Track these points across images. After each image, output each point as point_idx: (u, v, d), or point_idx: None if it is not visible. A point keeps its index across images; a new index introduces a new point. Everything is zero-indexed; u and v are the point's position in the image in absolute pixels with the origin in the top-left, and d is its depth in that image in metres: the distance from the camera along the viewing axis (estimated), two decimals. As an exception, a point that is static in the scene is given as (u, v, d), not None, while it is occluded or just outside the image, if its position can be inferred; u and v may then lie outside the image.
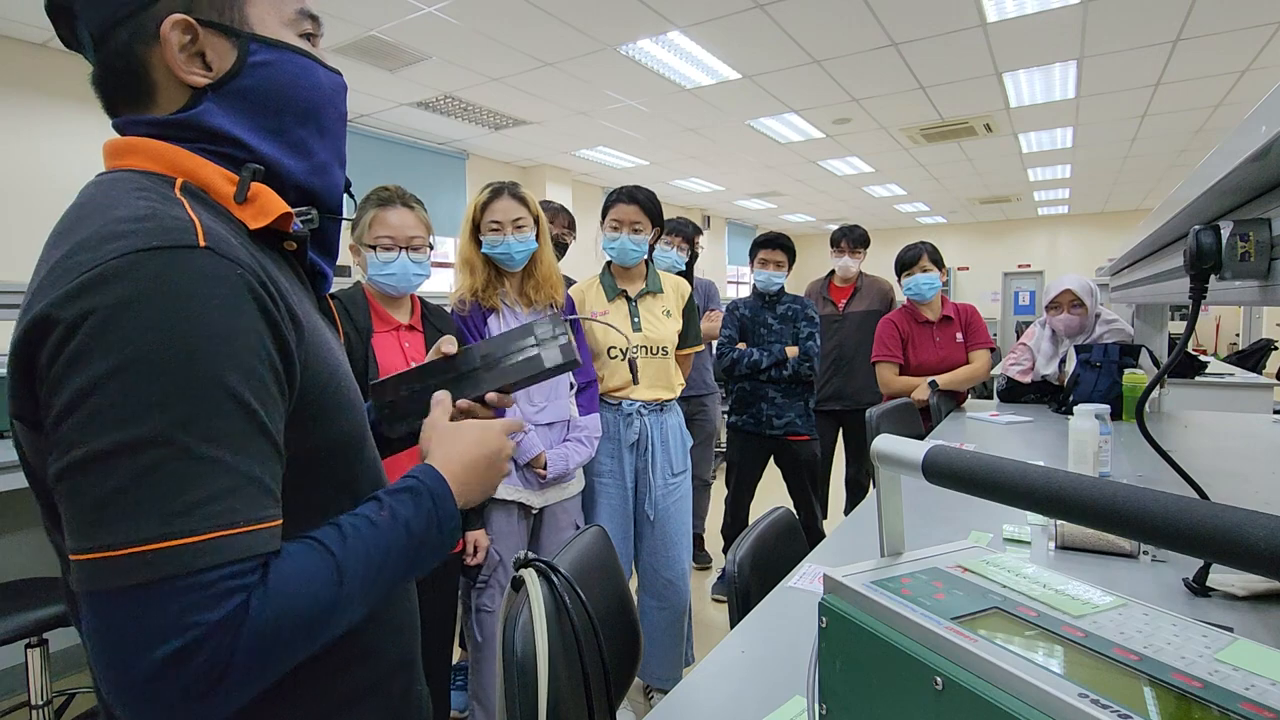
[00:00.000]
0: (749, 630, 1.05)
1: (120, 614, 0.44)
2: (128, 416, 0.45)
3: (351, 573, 0.53)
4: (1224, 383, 3.72)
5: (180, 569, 0.44)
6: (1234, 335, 9.37)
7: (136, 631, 0.43)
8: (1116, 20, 3.85)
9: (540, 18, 3.72)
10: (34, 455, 0.52)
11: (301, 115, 0.63)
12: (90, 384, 0.45)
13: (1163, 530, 0.38)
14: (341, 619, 0.53)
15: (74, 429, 0.45)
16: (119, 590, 0.44)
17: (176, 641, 0.43)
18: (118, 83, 0.59)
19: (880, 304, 3.32)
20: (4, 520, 2.29)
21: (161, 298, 0.47)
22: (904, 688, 0.48)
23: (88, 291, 0.46)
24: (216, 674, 0.44)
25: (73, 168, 4.04)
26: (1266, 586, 1.07)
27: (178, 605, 0.44)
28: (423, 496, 0.60)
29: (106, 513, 0.44)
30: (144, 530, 0.44)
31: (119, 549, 0.44)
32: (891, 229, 12.66)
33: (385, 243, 1.59)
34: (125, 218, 0.50)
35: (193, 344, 0.47)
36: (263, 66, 0.60)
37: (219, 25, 0.58)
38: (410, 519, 0.58)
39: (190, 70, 0.58)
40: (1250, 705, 0.37)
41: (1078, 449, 1.62)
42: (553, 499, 1.84)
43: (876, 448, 0.60)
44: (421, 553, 0.59)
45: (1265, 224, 0.87)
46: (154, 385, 0.46)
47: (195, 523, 0.45)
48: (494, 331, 1.79)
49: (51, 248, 0.52)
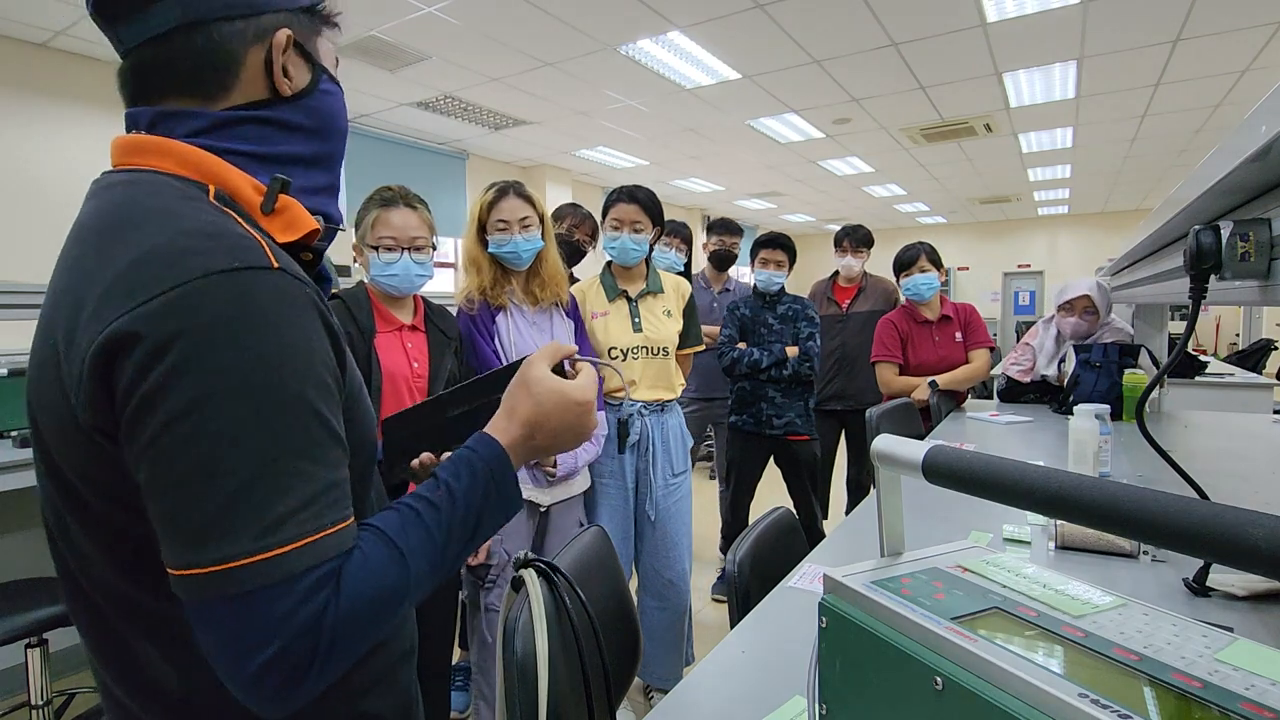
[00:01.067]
0: (749, 630, 1.05)
1: (226, 622, 0.48)
2: (225, 437, 0.48)
3: (414, 554, 0.56)
4: (1224, 383, 3.72)
5: (274, 578, 0.48)
6: (1234, 335, 9.38)
7: (241, 636, 0.48)
8: (1116, 20, 3.85)
9: (540, 18, 3.72)
10: (84, 462, 0.52)
11: (335, 141, 0.69)
12: (186, 406, 0.47)
13: (1163, 530, 0.38)
14: (411, 596, 0.56)
15: (171, 449, 0.48)
16: (222, 600, 0.47)
17: (277, 642, 0.48)
18: (194, 69, 0.59)
19: (884, 304, 3.31)
20: (4, 520, 2.29)
21: (247, 321, 0.50)
22: (904, 688, 0.48)
23: (175, 312, 0.48)
24: (308, 663, 0.49)
25: (73, 168, 4.04)
26: (1266, 586, 1.07)
27: (274, 610, 0.48)
28: (477, 468, 0.63)
29: (208, 530, 0.47)
30: (243, 545, 0.47)
31: (222, 564, 0.47)
32: (891, 229, 12.66)
33: (388, 243, 1.58)
34: (194, 231, 0.51)
35: (279, 365, 0.50)
36: (327, 95, 0.67)
37: (304, 51, 0.64)
38: (466, 491, 0.61)
39: (282, 79, 0.62)
40: (1250, 705, 0.37)
41: (1078, 449, 1.62)
42: (560, 496, 1.85)
43: (876, 448, 0.60)
44: (483, 520, 0.62)
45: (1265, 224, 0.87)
46: (247, 407, 0.49)
47: (287, 533, 0.49)
48: (502, 330, 1.79)
49: (100, 249, 0.52)
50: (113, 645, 0.58)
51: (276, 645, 0.47)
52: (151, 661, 0.56)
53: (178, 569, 0.48)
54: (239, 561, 0.47)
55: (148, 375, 0.47)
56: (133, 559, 0.54)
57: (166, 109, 0.59)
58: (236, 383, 0.48)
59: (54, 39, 3.85)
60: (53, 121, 4.02)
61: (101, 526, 0.54)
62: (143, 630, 0.56)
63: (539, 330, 1.83)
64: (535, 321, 1.84)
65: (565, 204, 2.82)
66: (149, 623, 0.56)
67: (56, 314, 0.53)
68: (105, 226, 0.54)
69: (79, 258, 0.54)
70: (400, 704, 0.70)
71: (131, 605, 0.56)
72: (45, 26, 3.69)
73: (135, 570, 0.54)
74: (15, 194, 3.88)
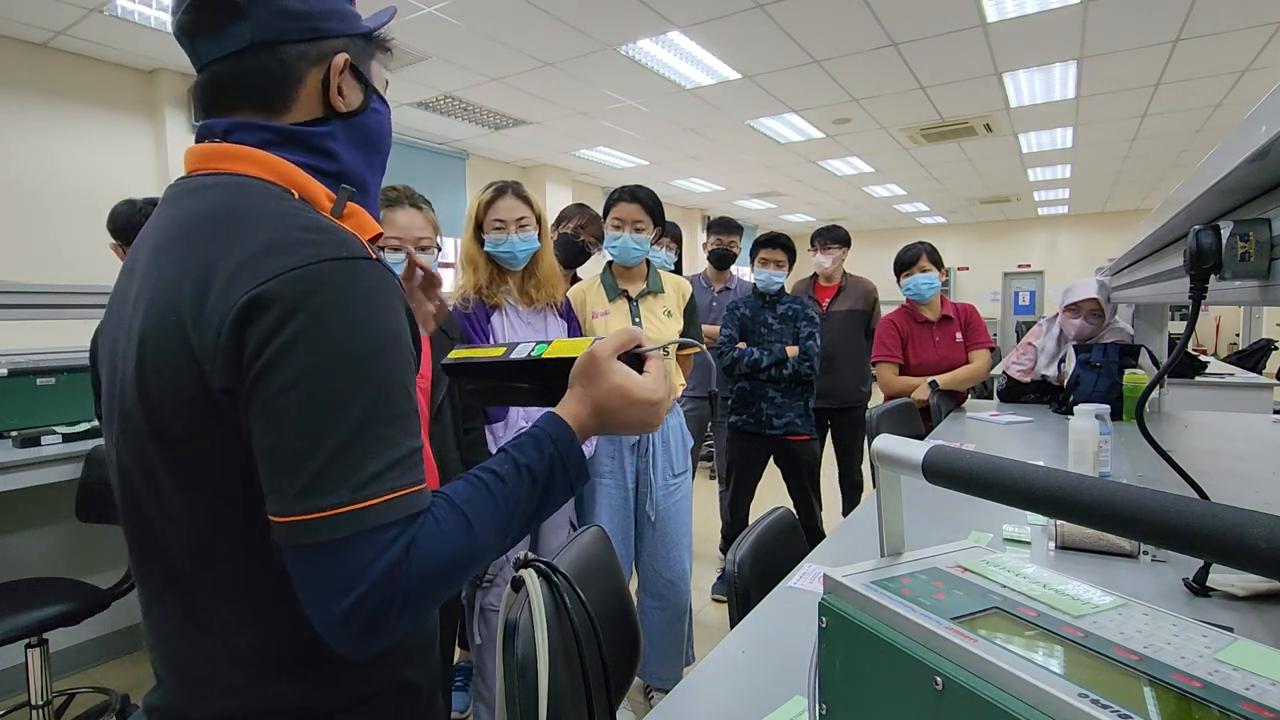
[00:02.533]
0: (749, 630, 1.05)
1: (322, 565, 0.54)
2: (332, 403, 0.54)
3: (482, 523, 0.61)
4: (1224, 383, 3.71)
5: (365, 526, 0.54)
6: (1234, 335, 9.38)
7: (335, 578, 0.54)
8: (1116, 20, 3.85)
9: (540, 18, 3.72)
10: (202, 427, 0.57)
11: (380, 155, 0.76)
12: (302, 372, 0.54)
13: (1163, 530, 0.38)
14: (477, 561, 0.61)
15: (286, 409, 0.54)
16: (319, 546, 0.53)
17: (362, 586, 0.53)
18: (261, 85, 0.66)
19: (864, 304, 3.34)
20: (4, 520, 2.29)
21: (356, 302, 0.57)
22: (904, 688, 0.48)
23: (298, 286, 0.55)
24: (386, 610, 0.54)
25: (73, 168, 4.04)
26: (1266, 586, 1.07)
27: (363, 556, 0.54)
28: (544, 443, 0.67)
29: (312, 483, 0.53)
30: (341, 496, 0.54)
31: (324, 511, 0.53)
32: (891, 229, 12.66)
33: (394, 244, 1.58)
34: (306, 226, 0.59)
35: (378, 344, 0.57)
36: (377, 114, 0.73)
37: (359, 74, 0.71)
38: (533, 465, 0.65)
39: (338, 97, 0.69)
40: (1250, 705, 0.37)
41: (1078, 449, 1.62)
42: None
43: (876, 448, 0.60)
44: (549, 494, 0.66)
45: (1265, 224, 0.87)
46: (352, 377, 0.55)
47: (377, 488, 0.55)
48: (497, 329, 1.79)
49: (212, 242, 0.58)
50: (191, 604, 0.62)
51: (362, 588, 0.53)
52: (228, 621, 0.61)
53: (283, 516, 0.54)
54: (337, 510, 0.53)
55: (274, 339, 0.54)
56: (235, 520, 0.59)
57: (241, 120, 0.66)
58: (345, 355, 0.55)
59: (54, 39, 3.85)
60: (53, 121, 4.02)
61: (208, 490, 0.59)
62: (227, 590, 0.61)
63: (533, 330, 1.84)
64: (530, 321, 1.84)
65: (573, 204, 2.82)
66: (232, 581, 0.61)
67: (178, 295, 0.57)
68: (212, 222, 0.60)
69: (184, 250, 0.59)
70: (434, 676, 0.74)
71: (218, 564, 0.60)
72: (45, 26, 3.69)
73: (228, 530, 0.60)
74: (15, 194, 3.88)
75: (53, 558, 2.36)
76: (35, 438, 2.06)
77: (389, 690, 0.68)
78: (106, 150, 4.19)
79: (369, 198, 0.74)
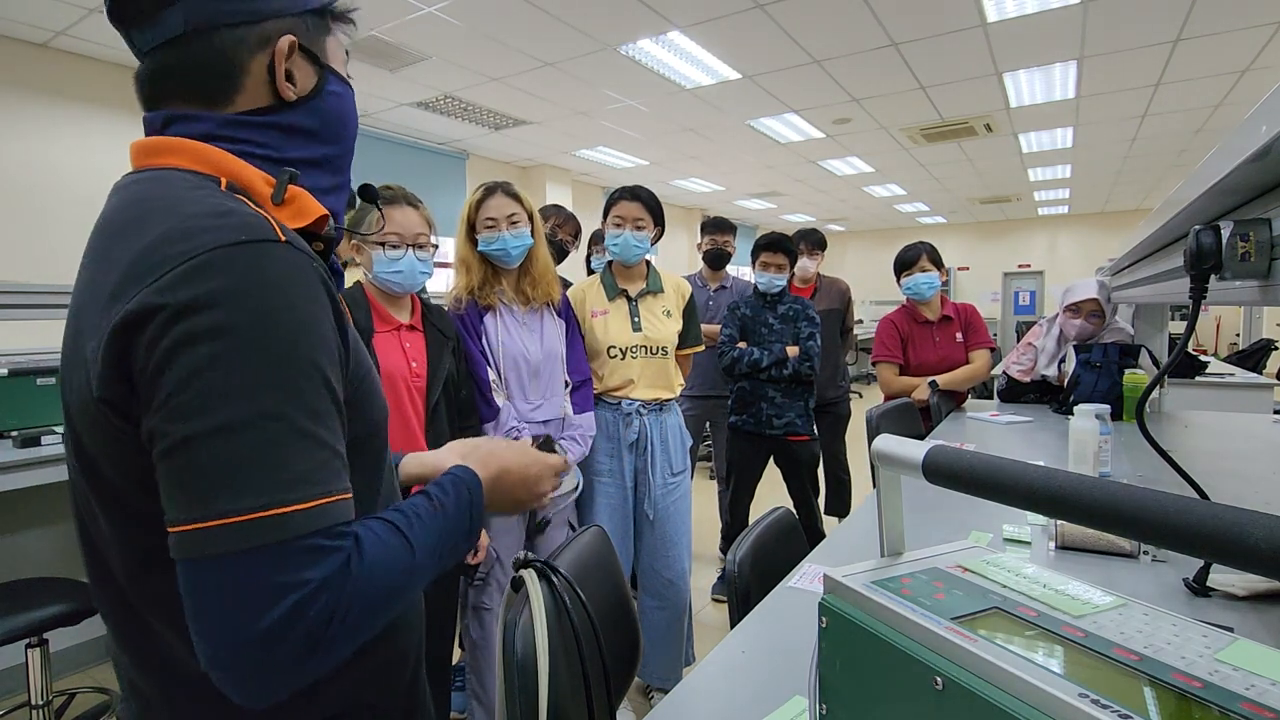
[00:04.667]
0: (749, 630, 1.05)
1: (236, 576, 0.47)
2: (243, 394, 0.49)
3: (419, 549, 0.58)
4: (1224, 383, 3.71)
5: (290, 533, 0.48)
6: (1234, 335, 9.38)
7: (255, 590, 0.47)
8: (1116, 20, 3.84)
9: (540, 18, 3.72)
10: (102, 440, 0.54)
11: (343, 142, 0.70)
12: (202, 364, 0.48)
13: (1163, 530, 0.38)
14: (414, 588, 0.59)
15: (187, 406, 0.48)
16: (234, 554, 0.47)
17: (294, 595, 0.47)
18: (199, 76, 0.61)
19: (839, 303, 3.45)
20: (4, 520, 2.29)
21: (260, 286, 0.51)
22: (904, 688, 0.48)
23: (191, 280, 0.50)
24: (325, 626, 0.48)
25: (73, 168, 4.04)
26: (1266, 586, 1.07)
27: (292, 564, 0.48)
28: (463, 492, 0.66)
29: (224, 482, 0.48)
30: (260, 498, 0.48)
31: (238, 515, 0.47)
32: (891, 229, 12.67)
33: (393, 240, 1.59)
34: (205, 212, 0.53)
35: (292, 329, 0.52)
36: (333, 95, 0.68)
37: (311, 54, 0.65)
38: (453, 510, 0.64)
39: (285, 84, 0.63)
40: (1250, 705, 0.37)
41: (1078, 449, 1.62)
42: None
43: (877, 448, 0.60)
44: (458, 541, 0.65)
45: (1265, 224, 0.86)
46: (264, 367, 0.50)
47: (302, 492, 0.50)
48: (491, 330, 1.79)
49: (118, 240, 0.55)
50: (134, 628, 0.59)
51: (294, 597, 0.47)
52: (170, 644, 0.58)
53: (181, 525, 0.48)
54: (247, 515, 0.47)
55: (160, 342, 0.49)
56: (148, 540, 0.54)
57: (176, 112, 0.61)
58: (250, 345, 0.50)
59: (54, 39, 3.85)
60: (53, 122, 4.01)
61: (120, 507, 0.56)
62: (163, 612, 0.57)
63: (529, 330, 1.84)
64: (525, 322, 1.84)
65: (548, 205, 2.95)
66: (167, 605, 0.56)
67: (81, 306, 0.55)
68: (121, 220, 0.56)
69: (99, 251, 0.56)
70: (402, 697, 0.71)
71: (150, 586, 0.57)
72: (45, 26, 3.69)
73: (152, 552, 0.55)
74: (15, 194, 3.88)
75: (53, 558, 2.36)
76: (35, 438, 2.06)
77: (349, 712, 0.64)
78: (106, 150, 4.18)
79: (328, 188, 0.68)
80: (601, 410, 2.02)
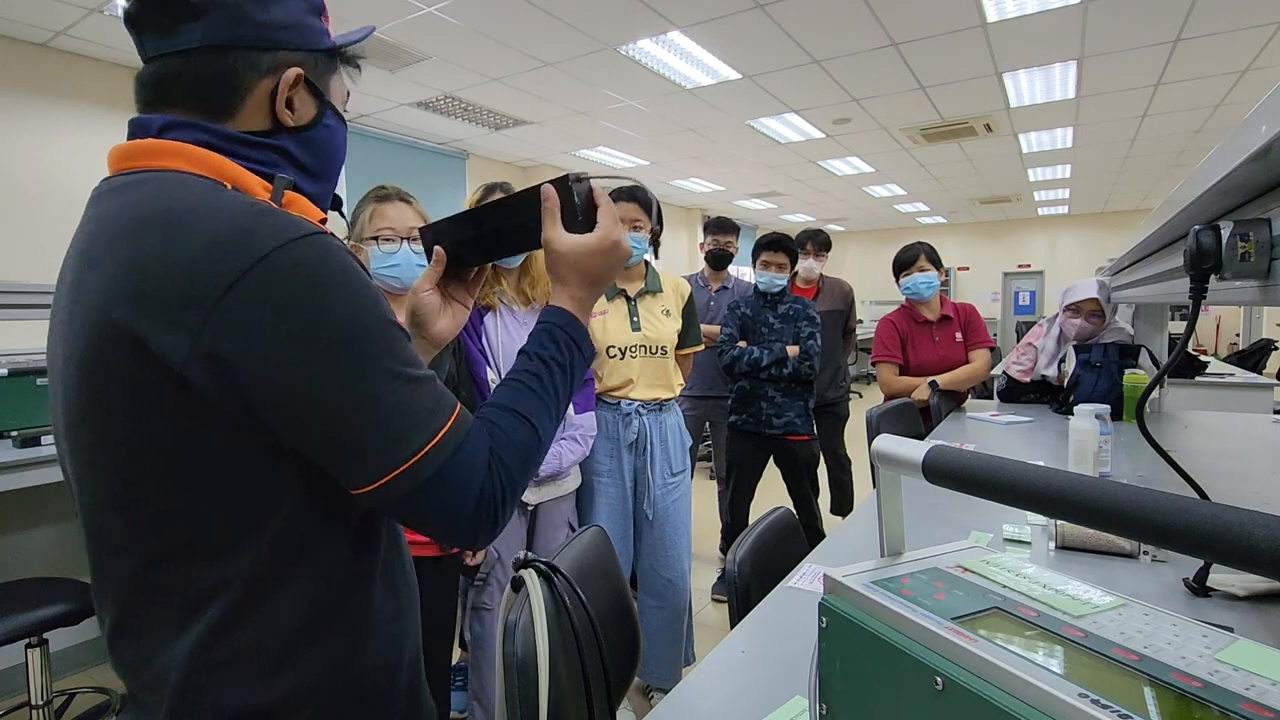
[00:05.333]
0: (749, 630, 1.05)
1: (436, 494, 0.60)
2: (358, 372, 0.57)
3: (534, 414, 0.68)
4: (1224, 383, 3.71)
5: (450, 448, 0.60)
6: (1234, 335, 9.38)
7: (451, 498, 0.60)
8: (1116, 20, 3.84)
9: (540, 18, 3.72)
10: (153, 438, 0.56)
11: (329, 173, 0.75)
12: (321, 354, 0.56)
13: (1163, 530, 0.38)
14: (544, 443, 0.69)
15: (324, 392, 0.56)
16: (430, 480, 0.59)
17: (477, 482, 0.61)
18: (205, 88, 0.64)
19: (842, 304, 3.46)
20: (4, 520, 2.29)
21: (335, 271, 0.57)
22: (904, 688, 0.48)
23: (267, 285, 0.54)
24: (500, 498, 0.63)
25: (73, 168, 4.04)
26: (1266, 586, 1.07)
27: (462, 471, 0.61)
28: (556, 333, 0.74)
29: (393, 437, 0.58)
30: (421, 436, 0.59)
31: (416, 455, 0.58)
32: (891, 229, 12.67)
33: (387, 234, 1.60)
34: (247, 212, 0.57)
35: (366, 299, 0.59)
36: (329, 129, 0.72)
37: (315, 89, 0.69)
38: (556, 356, 0.72)
39: (284, 110, 0.67)
40: (1250, 705, 0.37)
41: (1078, 449, 1.62)
42: (547, 496, 1.85)
43: (877, 448, 0.60)
44: (574, 373, 0.74)
45: (1265, 224, 0.86)
46: (366, 339, 0.58)
47: (439, 419, 0.61)
48: (490, 329, 1.79)
49: (145, 237, 0.55)
50: (149, 616, 0.61)
51: (476, 490, 0.61)
52: (173, 636, 0.59)
53: (374, 482, 0.58)
54: (422, 451, 0.58)
55: (269, 352, 0.54)
56: (155, 532, 0.58)
57: (178, 118, 0.63)
58: (346, 326, 0.57)
59: (54, 39, 3.85)
60: (53, 122, 4.01)
61: (139, 505, 0.58)
62: (170, 602, 0.59)
63: (529, 330, 1.83)
64: (525, 321, 1.84)
65: None
66: (174, 594, 0.59)
67: (114, 299, 0.54)
68: (152, 216, 0.57)
69: (128, 245, 0.56)
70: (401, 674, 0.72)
71: (156, 577, 0.59)
72: (45, 26, 3.69)
73: (168, 547, 0.58)
74: (16, 194, 3.88)
75: (53, 558, 2.36)
76: (35, 438, 2.06)
77: (347, 706, 0.66)
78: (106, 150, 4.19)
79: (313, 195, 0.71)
80: (601, 410, 2.02)
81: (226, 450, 0.57)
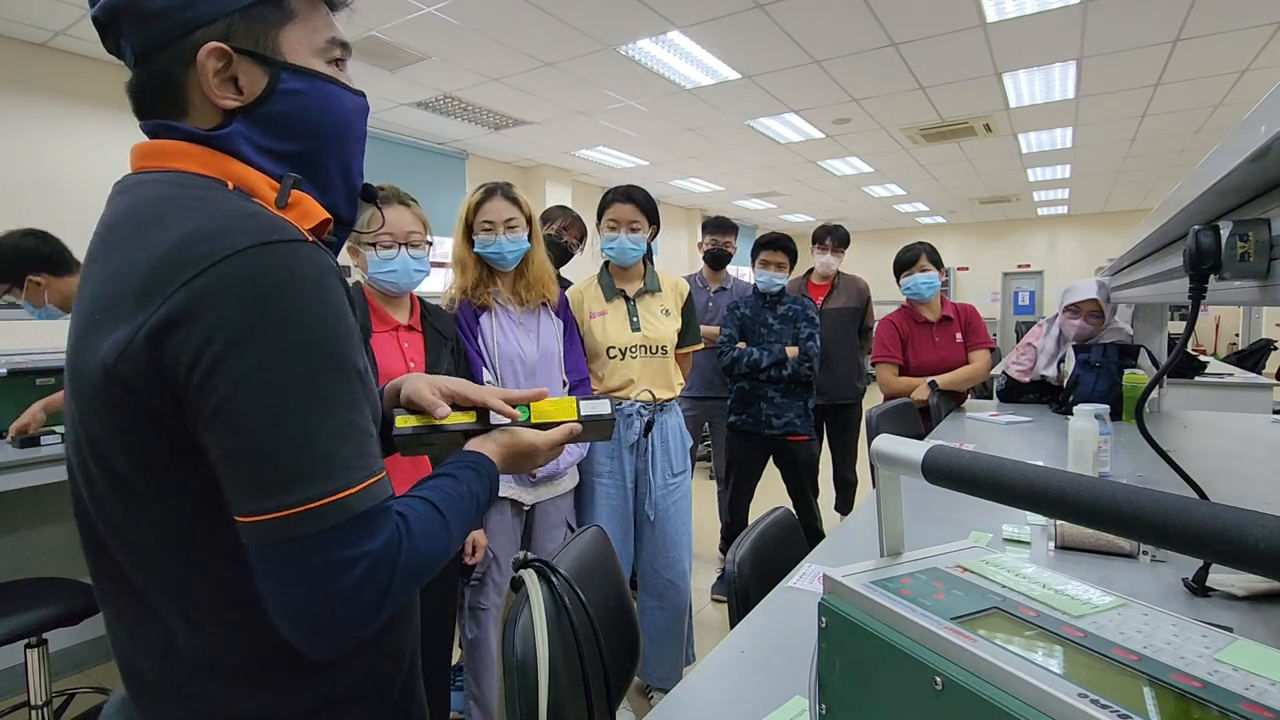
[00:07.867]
0: (749, 630, 1.05)
1: (314, 554, 0.53)
2: (290, 393, 0.52)
3: (450, 517, 0.65)
4: (1224, 383, 3.71)
5: (353, 512, 0.54)
6: (1234, 335, 9.38)
7: (331, 563, 0.53)
8: (1116, 20, 3.84)
9: (540, 18, 3.72)
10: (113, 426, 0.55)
11: (323, 140, 0.67)
12: (252, 367, 0.51)
13: (1163, 530, 0.38)
14: (450, 551, 0.65)
15: (243, 409, 0.51)
16: (310, 536, 0.52)
17: (363, 564, 0.54)
18: (155, 96, 0.62)
19: (857, 301, 3.41)
20: (4, 520, 2.28)
21: (295, 286, 0.54)
22: (904, 688, 0.48)
23: (226, 282, 0.51)
24: (385, 588, 0.55)
25: (73, 168, 4.04)
26: (1266, 586, 1.07)
27: (357, 537, 0.54)
28: (483, 472, 0.73)
29: (290, 474, 0.52)
30: (324, 485, 0.53)
31: (308, 503, 0.52)
32: (891, 229, 12.66)
33: (385, 239, 1.58)
34: (231, 213, 0.55)
35: (328, 325, 0.55)
36: (292, 94, 0.63)
37: (253, 53, 0.61)
38: (471, 480, 0.70)
39: (223, 95, 0.61)
40: (1250, 705, 0.37)
41: (1078, 449, 1.62)
42: (544, 495, 1.85)
43: (876, 448, 0.60)
44: (479, 514, 0.71)
45: (1265, 224, 0.86)
46: (306, 365, 0.53)
47: (353, 476, 0.54)
48: (486, 330, 1.79)
49: (139, 236, 0.55)
50: (140, 614, 0.60)
51: (362, 567, 0.54)
52: (174, 628, 0.59)
53: (254, 515, 0.52)
54: (317, 503, 0.52)
55: (207, 345, 0.51)
56: (156, 526, 0.57)
57: (161, 122, 0.62)
58: (294, 343, 0.53)
59: (54, 39, 3.85)
60: (53, 121, 4.01)
61: (131, 494, 0.57)
62: (170, 596, 0.59)
63: (525, 331, 1.84)
64: (522, 322, 1.84)
65: (555, 206, 2.89)
66: (174, 589, 0.59)
67: (97, 298, 0.55)
68: (140, 217, 0.57)
69: (117, 246, 0.56)
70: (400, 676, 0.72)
71: (158, 571, 0.59)
72: (45, 26, 3.68)
73: (168, 540, 0.58)
74: (15, 194, 3.87)
75: (53, 558, 2.36)
76: (35, 438, 2.06)
77: (343, 703, 0.65)
78: (106, 150, 4.18)
79: (326, 187, 0.68)
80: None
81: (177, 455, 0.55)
